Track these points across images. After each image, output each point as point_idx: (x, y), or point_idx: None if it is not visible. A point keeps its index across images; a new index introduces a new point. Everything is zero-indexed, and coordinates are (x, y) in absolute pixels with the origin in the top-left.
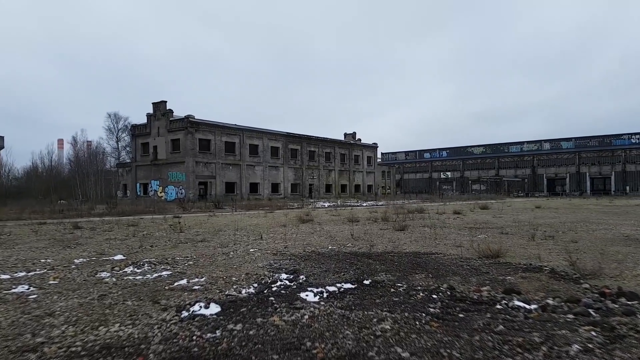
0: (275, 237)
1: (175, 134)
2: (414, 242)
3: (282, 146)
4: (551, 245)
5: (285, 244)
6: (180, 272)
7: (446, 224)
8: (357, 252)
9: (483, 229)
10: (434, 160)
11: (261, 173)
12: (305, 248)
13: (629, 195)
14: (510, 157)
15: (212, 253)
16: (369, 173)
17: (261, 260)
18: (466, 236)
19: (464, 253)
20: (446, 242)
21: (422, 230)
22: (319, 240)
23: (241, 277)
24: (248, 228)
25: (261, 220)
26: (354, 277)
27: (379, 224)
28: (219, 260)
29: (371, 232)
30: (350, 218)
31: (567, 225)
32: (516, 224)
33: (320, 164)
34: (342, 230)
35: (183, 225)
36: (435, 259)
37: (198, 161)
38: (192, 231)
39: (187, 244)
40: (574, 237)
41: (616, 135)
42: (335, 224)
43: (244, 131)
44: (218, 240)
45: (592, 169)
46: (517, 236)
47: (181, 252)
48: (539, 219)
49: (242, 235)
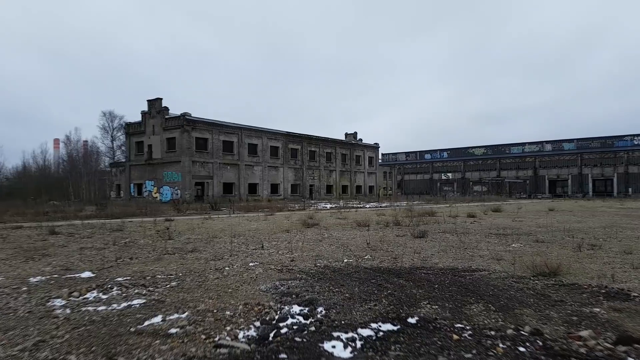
0: (279, 246)
1: (171, 133)
2: (442, 254)
3: (282, 146)
4: (606, 258)
5: (291, 255)
6: (157, 301)
7: (467, 230)
8: (381, 267)
9: (510, 235)
10: (434, 161)
11: (260, 173)
12: (315, 261)
13: (632, 197)
14: (511, 159)
15: (203, 269)
16: (371, 174)
17: (264, 280)
18: (498, 245)
19: (512, 269)
20: (480, 253)
21: (445, 238)
22: (331, 251)
23: (238, 309)
24: (247, 234)
25: (261, 224)
26: (392, 310)
27: (393, 229)
28: (210, 280)
29: (387, 239)
30: (359, 222)
31: (602, 232)
32: (544, 230)
33: (321, 165)
34: (353, 237)
35: (173, 230)
36: (483, 279)
37: (194, 161)
38: (182, 238)
39: (174, 255)
40: (623, 247)
41: (618, 137)
42: (343, 229)
43: (242, 130)
44: (211, 251)
45: (595, 170)
46: (557, 245)
47: (165, 266)
48: (563, 224)
49: (240, 243)
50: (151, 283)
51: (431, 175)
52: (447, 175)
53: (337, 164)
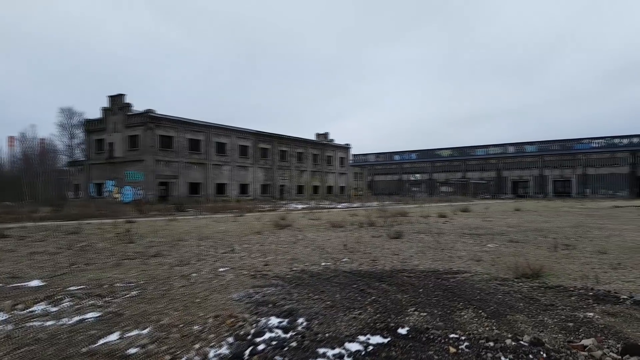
0: (251, 249)
1: (134, 130)
2: (421, 255)
3: (251, 145)
4: (583, 258)
5: (264, 258)
6: (114, 314)
7: (440, 230)
8: (360, 270)
9: (484, 235)
10: (403, 162)
11: (229, 173)
12: (291, 265)
13: (590, 197)
14: (476, 160)
15: (167, 275)
16: (342, 174)
17: (236, 287)
18: (474, 245)
19: (493, 271)
20: (458, 254)
21: (420, 238)
22: (307, 253)
23: (207, 323)
24: (215, 236)
25: (230, 225)
26: (379, 320)
27: (368, 230)
28: (175, 289)
29: (364, 240)
30: (333, 223)
31: (571, 231)
32: (515, 230)
33: (292, 165)
34: (329, 239)
35: (134, 233)
36: (467, 282)
37: (159, 159)
38: (144, 241)
39: (135, 260)
40: (596, 247)
41: (577, 140)
42: (318, 230)
43: (210, 128)
44: (177, 255)
45: (555, 172)
46: (531, 245)
47: (124, 273)
48: (532, 224)
49: (208, 246)
50: (108, 292)
51: (400, 176)
52: (415, 176)
53: (309, 164)
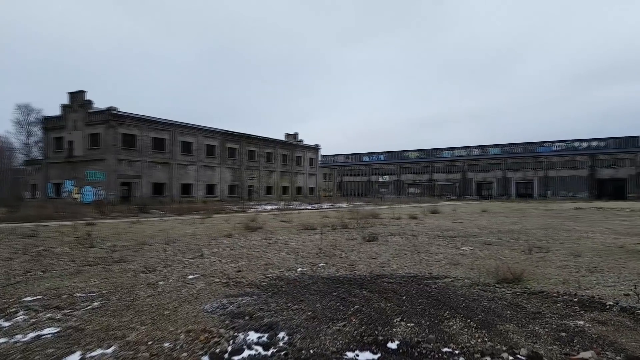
0: (221, 254)
1: (95, 128)
2: (398, 259)
3: (219, 145)
4: (559, 262)
5: (236, 264)
6: (75, 329)
7: (413, 232)
8: (339, 276)
9: (456, 237)
10: (372, 164)
11: (195, 173)
12: (266, 271)
13: (551, 199)
14: (442, 162)
15: (132, 284)
16: (311, 175)
17: (207, 297)
18: (449, 248)
19: (474, 275)
20: (435, 257)
21: (395, 241)
22: (281, 258)
23: (179, 339)
24: (182, 240)
25: (198, 228)
26: (365, 332)
27: (341, 233)
28: (141, 299)
29: (338, 243)
30: (305, 225)
31: (541, 234)
32: (486, 232)
33: (260, 165)
34: (302, 242)
35: (96, 236)
36: (449, 288)
37: (121, 159)
38: (106, 245)
39: (96, 266)
40: (569, 250)
41: (539, 143)
42: (290, 233)
43: (175, 127)
44: (142, 260)
45: (517, 174)
46: (505, 248)
47: (85, 281)
48: (502, 225)
49: (175, 251)
50: (68, 304)
51: (369, 177)
52: (383, 177)
53: (278, 165)
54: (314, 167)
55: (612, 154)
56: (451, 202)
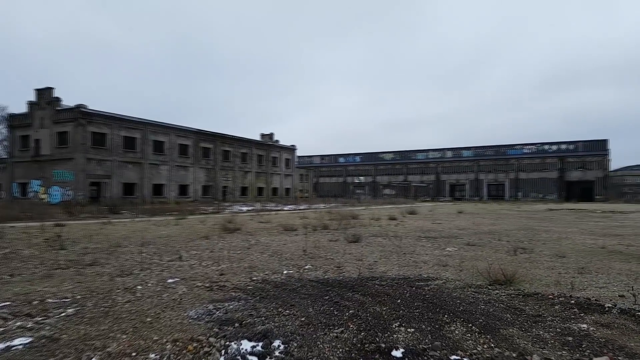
0: (201, 256)
1: (63, 126)
2: (385, 260)
3: (192, 144)
4: (546, 263)
5: (218, 267)
6: (48, 339)
7: (395, 233)
8: (328, 279)
9: (439, 238)
10: (348, 165)
11: (167, 173)
12: (250, 274)
13: (521, 200)
14: (417, 164)
15: (108, 288)
16: (287, 176)
17: (191, 302)
18: (433, 249)
19: (464, 277)
20: (421, 258)
21: (379, 242)
22: (264, 260)
23: (165, 350)
24: (158, 241)
25: (173, 229)
26: (366, 339)
27: (323, 234)
28: (119, 305)
29: (321, 245)
30: (285, 226)
31: (521, 235)
32: (466, 232)
33: (235, 165)
34: (284, 243)
35: (66, 238)
36: (443, 291)
37: (90, 158)
38: (77, 247)
39: (68, 269)
40: (553, 251)
41: (510, 146)
42: (270, 234)
43: (147, 125)
44: (116, 263)
45: (489, 176)
46: (489, 249)
47: (57, 286)
48: (480, 226)
49: (152, 253)
50: (40, 311)
51: (344, 178)
52: (359, 178)
53: (253, 165)
54: (290, 167)
55: (581, 157)
56: (426, 203)
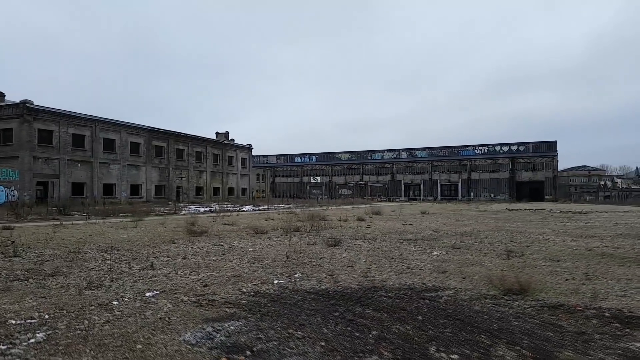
0: (175, 264)
1: (8, 123)
2: (376, 267)
3: (144, 142)
4: (545, 268)
5: (198, 276)
6: None
7: (372, 236)
8: (327, 290)
9: (418, 241)
10: (304, 165)
11: (118, 172)
12: (238, 285)
13: (474, 200)
14: (372, 164)
15: (80, 305)
16: (244, 175)
17: (182, 321)
18: (419, 253)
19: (471, 285)
20: (413, 264)
21: (360, 246)
22: (247, 268)
23: None
24: (121, 247)
25: (133, 232)
26: None
27: (297, 237)
28: (98, 326)
29: (301, 249)
30: (253, 228)
31: (499, 236)
32: (442, 234)
33: (190, 164)
34: (260, 248)
35: (17, 243)
36: (460, 303)
37: (37, 156)
38: (32, 254)
39: (27, 281)
40: (542, 254)
41: (463, 147)
42: (241, 238)
43: (97, 122)
44: (81, 273)
45: (443, 176)
46: (477, 252)
47: (18, 302)
48: (451, 227)
49: (118, 260)
50: (4, 337)
51: (301, 178)
52: (315, 178)
53: (209, 165)
54: (246, 167)
55: (531, 158)
56: (383, 203)
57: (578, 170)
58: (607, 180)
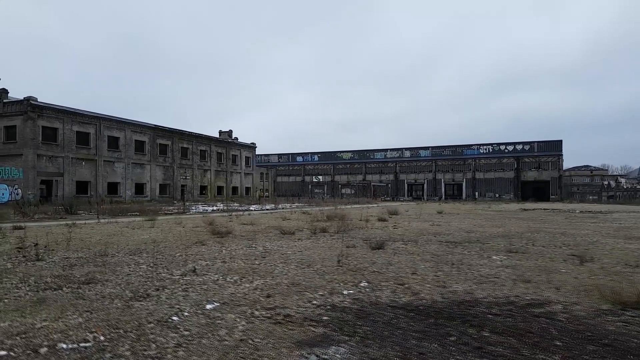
0: (217, 268)
1: (11, 120)
2: (443, 274)
3: (149, 140)
4: (635, 275)
5: (252, 284)
6: None
7: (408, 237)
8: (414, 305)
9: (463, 243)
10: (306, 164)
11: (122, 171)
12: (305, 296)
13: (479, 200)
14: (375, 163)
15: (135, 322)
16: (247, 174)
17: (273, 346)
18: (478, 258)
19: (576, 298)
20: (482, 271)
21: (406, 249)
22: (299, 274)
23: None
24: (146, 248)
25: (152, 233)
26: None
27: (329, 238)
28: (170, 351)
29: (345, 253)
30: (278, 229)
31: (547, 239)
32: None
33: (194, 163)
34: (299, 251)
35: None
36: (585, 322)
37: (41, 154)
38: (57, 256)
39: (62, 290)
40: (612, 258)
41: (467, 146)
42: (270, 239)
43: (101, 120)
44: (119, 279)
45: (447, 175)
46: (540, 257)
47: (61, 318)
48: (485, 228)
49: (151, 264)
50: None
51: (303, 177)
52: (317, 178)
53: (212, 163)
54: (250, 166)
55: (536, 157)
56: (388, 202)
57: (580, 170)
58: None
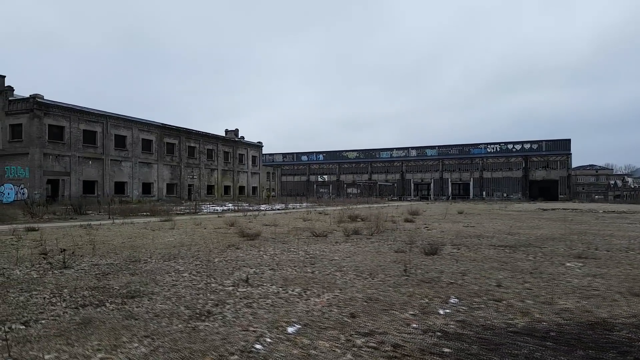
0: (270, 278)
1: (17, 118)
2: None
3: (156, 139)
4: None
5: (320, 298)
6: None
7: (452, 242)
8: (541, 330)
9: (514, 247)
10: (311, 163)
11: (130, 170)
12: (394, 316)
13: (487, 199)
14: (381, 163)
15: (215, 352)
16: (254, 174)
17: None
18: (551, 266)
19: None
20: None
21: (463, 255)
22: (367, 285)
23: None
24: (179, 253)
25: (175, 235)
26: None
27: (363, 240)
28: None
29: (400, 259)
30: (310, 231)
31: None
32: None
33: (201, 162)
34: (347, 256)
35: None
36: None
37: (47, 153)
38: (84, 263)
39: (106, 307)
40: None
41: (474, 145)
42: (303, 242)
43: (108, 118)
44: (167, 292)
45: (454, 175)
46: (618, 264)
47: (120, 347)
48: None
49: (195, 272)
50: None
51: (308, 177)
52: (323, 177)
53: (219, 162)
54: (256, 165)
55: (544, 156)
56: (397, 202)
57: (585, 169)
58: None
